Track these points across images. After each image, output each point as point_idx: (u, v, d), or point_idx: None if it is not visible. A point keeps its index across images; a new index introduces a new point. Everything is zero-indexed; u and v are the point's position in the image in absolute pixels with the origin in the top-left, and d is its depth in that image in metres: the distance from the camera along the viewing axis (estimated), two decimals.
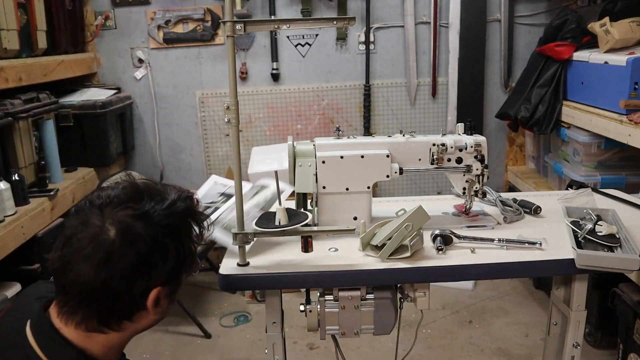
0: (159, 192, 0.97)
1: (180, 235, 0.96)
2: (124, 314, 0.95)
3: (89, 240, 0.90)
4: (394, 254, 1.31)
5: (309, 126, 3.38)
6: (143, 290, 0.93)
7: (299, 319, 2.38)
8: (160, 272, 0.93)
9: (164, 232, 0.93)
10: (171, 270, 0.94)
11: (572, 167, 2.76)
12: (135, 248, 0.89)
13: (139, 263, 0.90)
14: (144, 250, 0.90)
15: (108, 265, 0.89)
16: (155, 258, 0.92)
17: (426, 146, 1.48)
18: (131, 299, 0.93)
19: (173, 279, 0.97)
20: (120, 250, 0.89)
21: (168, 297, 0.98)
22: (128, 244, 0.89)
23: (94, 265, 0.89)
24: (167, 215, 0.94)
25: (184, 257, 0.96)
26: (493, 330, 2.74)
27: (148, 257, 0.91)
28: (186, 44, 3.24)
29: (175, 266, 0.95)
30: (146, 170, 3.38)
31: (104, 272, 0.89)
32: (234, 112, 1.21)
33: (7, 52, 2.27)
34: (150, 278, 0.92)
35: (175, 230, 0.95)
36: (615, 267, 1.26)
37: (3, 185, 2.04)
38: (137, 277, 0.91)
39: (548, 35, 2.92)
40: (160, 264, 0.92)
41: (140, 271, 0.91)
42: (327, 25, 1.27)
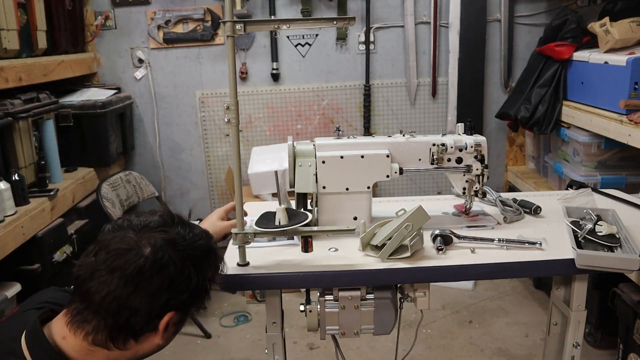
0: (187, 223, 1.04)
1: (202, 266, 1.01)
2: (135, 332, 0.96)
3: (123, 252, 0.94)
4: (394, 254, 1.31)
5: (309, 126, 3.38)
6: (160, 310, 0.96)
7: (299, 319, 2.38)
8: (180, 297, 0.97)
9: (190, 260, 0.98)
10: (188, 297, 0.98)
11: (572, 167, 2.76)
12: (165, 268, 0.94)
13: (165, 283, 0.94)
14: (172, 272, 0.95)
15: (137, 280, 0.92)
16: (180, 282, 0.96)
17: (426, 146, 1.48)
18: (148, 317, 0.95)
19: (187, 307, 1.00)
20: (152, 268, 0.93)
21: (176, 325, 1.01)
22: (160, 264, 0.94)
23: (124, 277, 0.92)
24: (194, 246, 1.00)
25: (201, 288, 1.00)
26: (493, 330, 2.74)
27: (174, 279, 0.95)
28: (186, 44, 3.24)
29: (193, 295, 0.99)
30: (146, 170, 3.38)
31: (131, 286, 0.92)
32: (234, 112, 1.21)
33: (7, 52, 2.27)
34: (170, 300, 0.96)
35: (199, 260, 1.00)
36: (615, 267, 1.26)
37: (3, 185, 2.04)
38: (160, 297, 0.94)
39: (548, 35, 2.92)
40: (182, 288, 0.97)
41: (164, 291, 0.95)
42: (327, 25, 1.27)
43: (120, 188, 2.95)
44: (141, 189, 3.13)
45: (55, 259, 2.30)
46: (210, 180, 3.47)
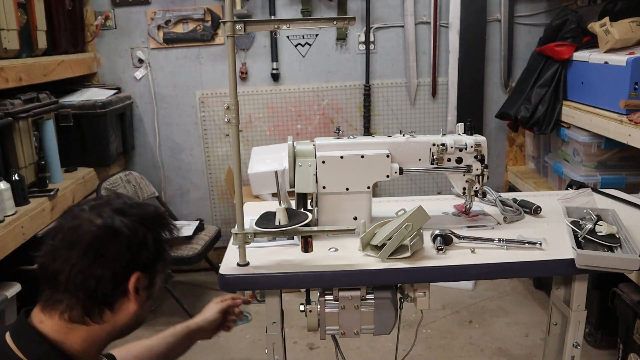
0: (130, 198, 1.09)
1: (154, 228, 1.05)
2: (107, 300, 0.99)
3: (77, 228, 0.98)
4: (394, 254, 1.31)
5: (309, 126, 3.38)
6: (124, 273, 0.99)
7: (299, 319, 2.38)
8: (140, 258, 1.01)
9: (141, 223, 1.02)
10: (148, 258, 1.02)
11: (572, 167, 2.76)
12: (119, 233, 0.98)
13: (122, 247, 0.98)
14: (126, 235, 0.98)
15: (95, 249, 0.96)
16: (136, 243, 1.00)
17: (426, 146, 1.48)
18: (114, 282, 0.98)
19: (150, 267, 1.03)
20: (106, 234, 0.97)
21: (146, 290, 1.04)
22: (112, 229, 0.98)
23: (82, 249, 0.96)
24: (142, 212, 1.05)
25: (159, 249, 1.04)
26: (493, 330, 2.74)
27: (130, 241, 0.99)
28: (186, 44, 3.24)
29: (152, 255, 1.03)
30: (146, 170, 3.38)
31: (91, 256, 0.96)
32: (234, 112, 1.21)
33: (7, 52, 2.27)
34: (131, 262, 0.99)
35: (150, 223, 1.04)
36: (615, 267, 1.26)
37: (3, 185, 2.04)
38: (120, 260, 0.98)
39: (548, 35, 2.92)
40: (140, 249, 1.00)
41: (123, 254, 0.98)
42: (327, 25, 1.27)
43: (120, 188, 2.96)
44: (141, 189, 3.13)
45: None
46: (210, 180, 3.47)
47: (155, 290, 1.08)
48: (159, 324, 2.91)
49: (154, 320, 2.95)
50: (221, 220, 3.51)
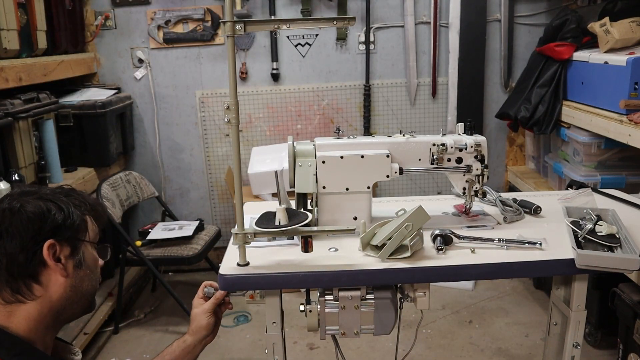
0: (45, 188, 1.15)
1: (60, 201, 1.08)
2: (28, 273, 1.03)
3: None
4: (394, 254, 1.30)
5: (309, 126, 3.38)
6: (34, 243, 1.02)
7: (299, 319, 2.38)
8: (48, 226, 1.04)
9: (47, 198, 1.07)
10: (58, 225, 1.05)
11: (572, 167, 2.76)
12: (22, 210, 1.03)
13: (24, 220, 1.02)
14: (29, 210, 1.03)
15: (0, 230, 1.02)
16: (41, 215, 1.04)
17: (426, 146, 1.48)
18: (26, 254, 1.02)
19: (62, 233, 1.06)
20: (8, 213, 1.03)
21: (71, 258, 1.08)
22: (15, 209, 1.03)
23: None
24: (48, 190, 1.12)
25: (68, 214, 1.08)
26: (493, 330, 2.74)
27: (35, 214, 1.03)
28: (186, 44, 3.24)
29: (62, 222, 1.06)
30: (146, 170, 3.38)
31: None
32: (234, 112, 1.21)
33: (7, 52, 2.27)
34: (39, 232, 1.03)
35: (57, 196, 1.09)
36: (615, 267, 1.26)
37: (3, 185, 2.04)
38: (26, 232, 1.02)
39: (548, 35, 2.92)
40: (46, 219, 1.04)
41: (28, 227, 1.02)
42: (327, 25, 1.27)
43: (120, 188, 2.96)
44: (141, 189, 3.13)
45: None
46: (210, 180, 3.47)
47: (88, 260, 1.12)
48: (159, 324, 2.92)
49: (154, 320, 2.96)
50: (221, 220, 3.51)
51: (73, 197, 1.12)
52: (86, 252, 1.11)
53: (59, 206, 1.07)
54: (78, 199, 1.13)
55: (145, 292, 3.27)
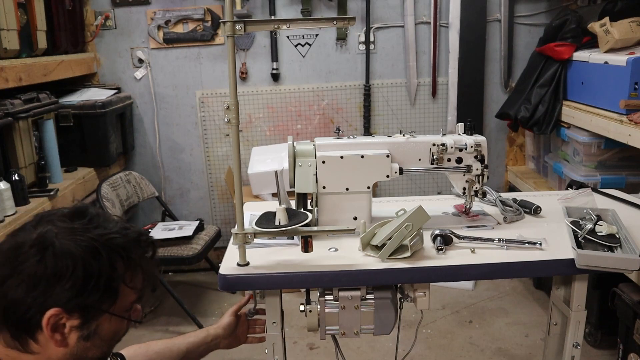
0: (105, 219, 0.95)
1: (97, 261, 0.89)
2: (23, 327, 0.88)
3: (12, 238, 0.90)
4: (394, 254, 1.30)
5: (309, 126, 3.38)
6: (39, 303, 0.86)
7: (299, 319, 2.38)
8: (61, 291, 0.86)
9: (79, 251, 0.87)
10: (75, 294, 0.87)
11: (572, 167, 2.76)
12: (42, 255, 0.86)
13: (40, 271, 0.86)
14: (50, 260, 0.86)
15: (12, 263, 0.87)
16: (60, 273, 0.86)
17: (426, 146, 1.48)
18: (27, 310, 0.86)
19: (79, 307, 0.88)
20: (28, 252, 0.86)
21: (78, 330, 0.90)
22: (37, 249, 0.86)
23: (1, 260, 0.88)
24: (93, 239, 0.89)
25: (95, 286, 0.88)
26: (493, 330, 2.74)
27: (53, 269, 0.86)
28: (186, 44, 3.24)
29: (81, 292, 0.87)
30: (146, 170, 3.38)
31: (6, 269, 0.87)
32: (234, 112, 1.21)
33: (7, 52, 2.27)
34: (49, 293, 0.86)
35: (93, 253, 0.88)
36: (615, 267, 1.26)
37: (3, 185, 2.04)
38: (34, 286, 0.86)
39: (548, 35, 2.92)
40: (63, 281, 0.86)
41: (39, 281, 0.86)
42: (327, 25, 1.27)
43: (120, 188, 2.96)
44: (141, 189, 3.13)
45: None
46: (210, 180, 3.47)
47: (103, 332, 0.92)
48: (159, 324, 2.91)
49: (154, 320, 2.95)
50: (221, 220, 3.51)
51: (127, 247, 0.92)
52: (103, 324, 0.92)
53: (90, 263, 0.87)
54: (132, 249, 0.93)
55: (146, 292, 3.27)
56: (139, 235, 0.96)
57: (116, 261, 0.91)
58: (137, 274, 0.95)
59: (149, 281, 0.98)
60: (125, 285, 0.93)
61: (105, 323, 0.92)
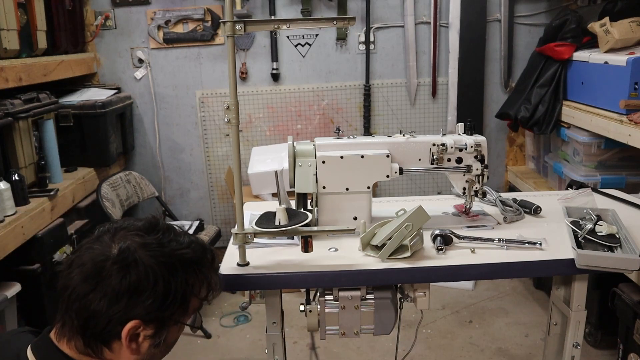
0: (176, 233, 1.00)
1: (175, 277, 0.94)
2: (101, 337, 0.93)
3: (91, 251, 0.93)
4: (394, 254, 1.31)
5: (309, 126, 3.38)
6: (120, 316, 0.91)
7: (299, 319, 2.38)
8: (142, 305, 0.91)
9: (164, 267, 0.93)
10: (155, 308, 0.92)
11: (572, 167, 2.76)
12: (125, 271, 0.90)
13: (124, 285, 0.90)
14: (133, 277, 0.90)
15: (95, 279, 0.90)
16: (142, 289, 0.91)
17: (426, 146, 1.48)
18: (108, 322, 0.91)
19: (156, 319, 0.94)
20: (111, 268, 0.90)
21: (151, 339, 0.95)
22: (120, 265, 0.90)
23: (84, 274, 0.91)
24: (172, 254, 0.95)
25: (172, 300, 0.94)
26: (493, 330, 2.74)
27: (135, 284, 0.90)
28: (186, 44, 3.24)
29: (161, 306, 0.93)
30: (146, 170, 3.38)
31: (89, 284, 0.90)
32: (234, 112, 1.21)
33: (7, 52, 2.27)
34: (132, 305, 0.91)
35: (171, 270, 0.94)
36: (615, 267, 1.26)
37: (3, 185, 2.04)
38: (117, 300, 0.90)
39: (548, 35, 2.92)
40: (142, 297, 0.91)
41: (124, 294, 0.90)
42: (327, 25, 1.27)
43: (120, 188, 2.96)
44: (141, 189, 3.13)
45: (55, 259, 2.30)
46: (210, 180, 3.47)
47: (169, 339, 0.99)
48: None
49: None
50: (221, 220, 3.51)
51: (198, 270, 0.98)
52: (171, 332, 0.99)
53: (172, 285, 0.93)
54: (203, 272, 0.99)
55: None
56: (204, 248, 1.03)
57: (189, 276, 0.97)
58: (204, 284, 1.01)
59: (212, 288, 1.04)
60: (195, 296, 0.99)
61: (173, 331, 0.99)
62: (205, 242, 1.06)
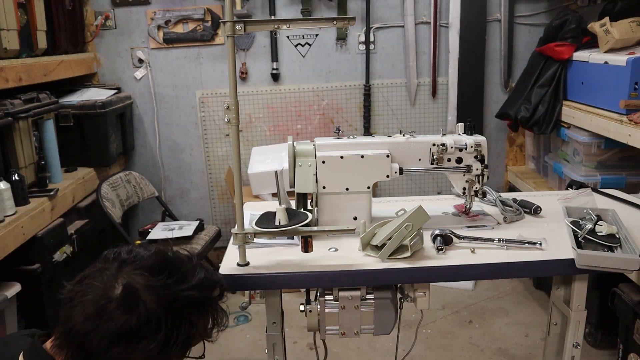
0: (184, 271, 0.97)
1: (179, 321, 0.93)
2: None
3: (94, 289, 0.91)
4: (394, 254, 1.31)
5: (309, 126, 3.38)
6: (120, 357, 0.90)
7: (299, 319, 2.38)
8: (143, 350, 0.90)
9: (164, 312, 0.91)
10: (156, 352, 0.91)
11: (572, 167, 2.76)
12: (128, 315, 0.89)
13: (124, 331, 0.89)
14: (135, 321, 0.89)
15: (96, 320, 0.89)
16: (142, 334, 0.90)
17: (426, 146, 1.48)
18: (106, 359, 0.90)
19: (159, 357, 0.93)
20: (114, 312, 0.89)
21: None
22: (124, 309, 0.89)
23: (85, 314, 0.89)
24: (179, 297, 0.93)
25: (174, 343, 0.93)
26: (493, 330, 2.74)
27: (136, 329, 0.89)
28: (186, 44, 3.24)
29: (162, 350, 0.92)
30: (146, 170, 3.38)
31: (90, 325, 0.89)
32: (234, 112, 1.21)
33: (7, 52, 2.27)
34: (130, 350, 0.90)
35: (175, 314, 0.93)
36: (615, 267, 1.26)
37: (3, 185, 2.04)
38: (117, 343, 0.89)
39: (548, 35, 2.92)
40: (144, 341, 0.90)
41: (122, 339, 0.89)
42: (327, 25, 1.27)
43: (120, 188, 2.96)
44: (141, 189, 3.13)
45: (55, 259, 2.30)
46: (210, 180, 3.47)
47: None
48: None
49: None
50: (221, 220, 3.51)
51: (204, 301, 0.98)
52: None
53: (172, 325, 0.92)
54: (208, 301, 0.99)
55: None
56: (213, 286, 1.01)
57: (194, 316, 0.96)
58: (209, 319, 1.00)
59: (217, 325, 1.03)
60: (198, 334, 0.99)
61: None
62: (216, 276, 1.04)
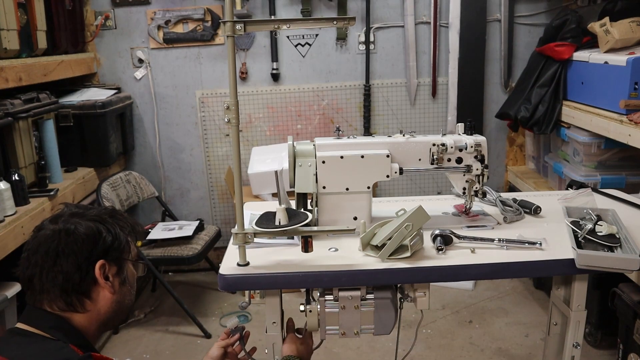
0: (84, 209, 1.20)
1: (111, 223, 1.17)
2: (81, 290, 1.11)
3: (38, 237, 1.12)
4: (394, 254, 1.31)
5: (309, 126, 3.38)
6: (87, 264, 1.10)
7: (299, 319, 2.38)
8: (99, 248, 1.12)
9: (97, 221, 1.15)
10: (108, 247, 1.13)
11: (572, 167, 2.76)
12: (75, 231, 1.10)
13: (79, 242, 1.10)
14: (82, 232, 1.11)
15: (55, 249, 1.09)
16: (93, 237, 1.12)
17: (426, 146, 1.48)
18: (80, 273, 1.10)
19: (112, 255, 1.14)
20: (61, 235, 1.10)
21: (118, 276, 1.16)
22: (67, 229, 1.11)
23: (43, 252, 1.09)
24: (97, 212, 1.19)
25: (117, 238, 1.16)
26: (493, 330, 2.74)
27: (87, 236, 1.11)
28: (186, 44, 3.24)
29: (111, 245, 1.14)
30: (146, 170, 3.38)
31: (52, 255, 1.09)
32: (234, 112, 1.21)
33: (7, 52, 2.27)
34: (91, 253, 1.11)
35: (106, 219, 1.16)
36: (615, 267, 1.26)
37: (3, 185, 2.04)
38: (80, 253, 1.10)
39: (548, 35, 2.92)
40: (97, 241, 1.12)
41: (81, 248, 1.10)
42: (327, 25, 1.27)
43: (120, 188, 2.96)
44: (141, 189, 3.13)
45: None
46: (210, 180, 3.47)
47: (130, 277, 1.21)
48: (160, 324, 2.92)
49: (155, 319, 2.96)
50: (221, 220, 3.51)
51: (117, 219, 1.19)
52: (129, 270, 1.21)
53: (108, 228, 1.15)
54: (122, 220, 1.20)
55: (146, 292, 3.27)
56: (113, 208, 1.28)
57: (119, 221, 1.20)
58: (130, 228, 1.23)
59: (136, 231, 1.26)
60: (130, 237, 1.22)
61: (129, 270, 1.21)
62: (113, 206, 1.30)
